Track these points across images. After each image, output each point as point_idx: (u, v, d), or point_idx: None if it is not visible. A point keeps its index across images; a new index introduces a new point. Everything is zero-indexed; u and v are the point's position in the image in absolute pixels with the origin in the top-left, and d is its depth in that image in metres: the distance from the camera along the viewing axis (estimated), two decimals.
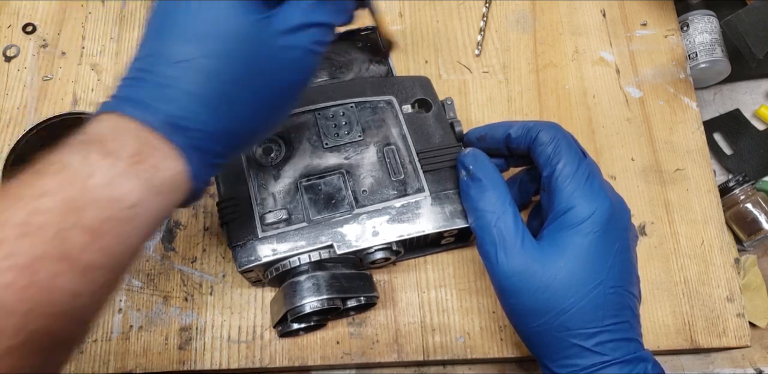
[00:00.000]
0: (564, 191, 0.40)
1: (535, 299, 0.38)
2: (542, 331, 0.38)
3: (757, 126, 0.61)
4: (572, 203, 0.39)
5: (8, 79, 0.58)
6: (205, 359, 0.48)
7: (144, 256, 0.51)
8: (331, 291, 0.43)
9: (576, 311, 0.37)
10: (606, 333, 0.37)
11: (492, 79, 0.57)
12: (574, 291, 0.38)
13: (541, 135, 0.42)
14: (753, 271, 0.54)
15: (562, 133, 0.42)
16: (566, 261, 0.38)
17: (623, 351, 0.37)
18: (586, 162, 0.41)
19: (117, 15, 0.60)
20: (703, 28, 0.58)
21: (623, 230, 0.40)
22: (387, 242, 0.44)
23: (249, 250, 0.44)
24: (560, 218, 0.40)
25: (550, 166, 0.41)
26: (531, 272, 0.38)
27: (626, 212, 0.42)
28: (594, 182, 0.40)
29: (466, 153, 0.44)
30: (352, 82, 0.50)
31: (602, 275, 0.38)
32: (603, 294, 0.38)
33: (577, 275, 0.38)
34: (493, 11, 0.60)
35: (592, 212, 0.39)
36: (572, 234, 0.39)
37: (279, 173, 0.46)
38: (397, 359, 0.48)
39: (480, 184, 0.42)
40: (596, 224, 0.39)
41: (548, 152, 0.41)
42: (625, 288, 0.39)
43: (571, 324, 0.38)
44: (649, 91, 0.57)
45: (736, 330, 0.49)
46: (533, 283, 0.38)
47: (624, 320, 0.38)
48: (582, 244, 0.38)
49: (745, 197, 0.55)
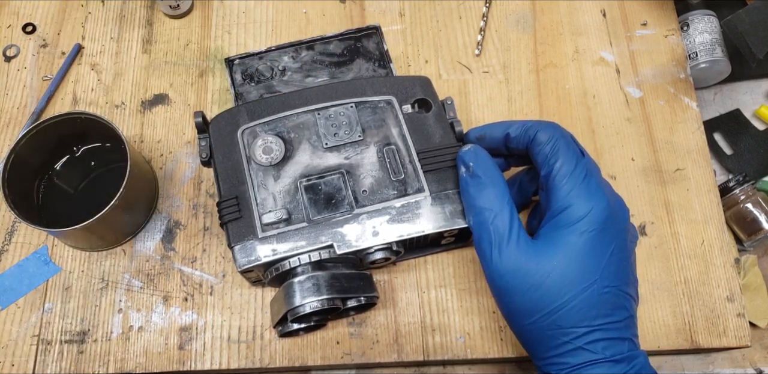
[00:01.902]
0: (561, 189, 0.40)
1: (527, 297, 0.38)
2: (534, 329, 0.38)
3: (757, 126, 0.61)
4: (569, 202, 0.39)
5: (8, 79, 0.58)
6: (205, 359, 0.48)
7: (144, 256, 0.51)
8: (331, 291, 0.43)
9: (568, 310, 0.37)
10: (598, 331, 0.37)
11: (492, 79, 0.57)
12: (566, 290, 0.38)
13: (539, 135, 0.42)
14: (753, 271, 0.54)
15: (561, 132, 0.42)
16: (560, 260, 0.38)
17: (615, 350, 0.37)
18: (584, 161, 0.41)
19: (117, 15, 0.60)
20: (703, 28, 0.58)
21: (621, 230, 0.40)
22: (387, 242, 0.44)
23: (249, 250, 0.44)
24: (557, 216, 0.40)
25: (547, 165, 0.41)
26: (524, 270, 0.38)
27: (625, 212, 0.42)
28: (591, 181, 0.40)
29: (467, 149, 0.44)
30: (352, 82, 0.50)
31: (596, 275, 0.38)
32: (596, 294, 0.38)
33: (570, 274, 0.38)
34: (493, 11, 0.60)
35: (588, 211, 0.39)
36: (567, 233, 0.39)
37: (279, 173, 0.46)
38: (397, 359, 0.48)
39: (479, 181, 0.42)
40: (592, 224, 0.39)
41: (546, 151, 0.41)
42: (620, 288, 0.39)
43: (563, 323, 0.38)
44: (650, 91, 0.57)
45: (736, 330, 0.49)
46: (526, 282, 0.38)
47: (618, 319, 0.38)
48: (577, 243, 0.38)
49: (746, 197, 0.55)
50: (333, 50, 0.54)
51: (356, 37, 0.55)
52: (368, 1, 0.60)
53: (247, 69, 0.54)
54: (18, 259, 0.51)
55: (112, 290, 0.50)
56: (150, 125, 0.56)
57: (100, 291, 0.50)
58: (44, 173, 0.52)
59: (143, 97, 0.57)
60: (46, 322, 0.49)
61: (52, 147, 0.51)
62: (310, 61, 0.54)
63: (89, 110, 0.56)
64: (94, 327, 0.49)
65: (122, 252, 0.51)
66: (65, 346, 0.49)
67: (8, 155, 0.47)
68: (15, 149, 0.47)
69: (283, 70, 0.54)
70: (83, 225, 0.44)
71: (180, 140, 0.55)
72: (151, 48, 0.59)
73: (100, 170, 0.53)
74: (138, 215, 0.51)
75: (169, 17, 0.60)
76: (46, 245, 0.52)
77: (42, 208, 0.52)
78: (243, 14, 0.60)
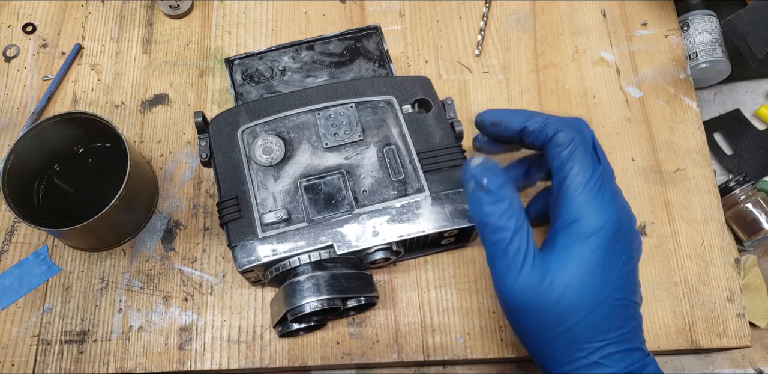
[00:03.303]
0: (574, 200, 0.39)
1: (542, 317, 0.37)
2: (548, 345, 0.38)
3: (757, 126, 0.61)
4: (581, 215, 0.38)
5: (8, 79, 0.58)
6: (205, 359, 0.48)
7: (144, 256, 0.51)
8: (331, 291, 0.43)
9: (583, 327, 0.37)
10: (612, 345, 0.37)
11: (492, 79, 0.57)
12: (581, 307, 0.37)
13: (558, 136, 0.40)
14: (753, 271, 0.54)
15: (582, 136, 0.40)
16: (573, 278, 0.37)
17: (627, 362, 0.37)
18: (600, 170, 0.39)
19: (117, 15, 0.60)
20: (703, 28, 0.58)
21: (629, 240, 0.39)
22: (387, 243, 0.44)
23: (249, 250, 0.44)
24: (568, 228, 0.38)
25: (562, 171, 0.39)
26: (539, 290, 0.37)
27: (632, 219, 0.41)
28: (606, 193, 0.39)
29: (477, 164, 0.40)
30: (352, 82, 0.50)
31: (609, 290, 0.37)
32: (609, 308, 0.37)
33: (584, 291, 0.37)
34: (493, 11, 0.60)
35: (601, 226, 0.38)
36: (580, 248, 0.38)
37: (279, 173, 0.46)
38: (397, 359, 0.48)
39: (494, 197, 0.39)
40: (604, 238, 0.38)
41: (563, 155, 0.40)
42: (629, 299, 0.38)
43: (578, 339, 0.37)
44: (650, 92, 0.57)
45: (736, 330, 0.49)
46: (541, 302, 0.37)
47: (628, 330, 0.38)
48: (590, 259, 0.38)
49: (746, 197, 0.55)
50: (333, 50, 0.54)
51: (356, 37, 0.55)
52: (368, 1, 0.60)
53: (247, 69, 0.54)
54: (18, 259, 0.51)
55: (112, 290, 0.50)
56: (150, 125, 0.56)
57: (100, 291, 0.50)
58: (44, 173, 0.52)
59: (143, 97, 0.57)
60: (46, 322, 0.49)
61: (52, 147, 0.51)
62: (310, 61, 0.54)
63: (89, 110, 0.56)
64: (94, 327, 0.49)
65: (122, 252, 0.51)
66: (65, 346, 0.49)
67: (8, 155, 0.47)
68: (15, 149, 0.47)
69: (283, 70, 0.54)
70: (83, 225, 0.44)
71: (180, 140, 0.55)
72: (151, 48, 0.59)
73: (100, 170, 0.53)
74: (138, 215, 0.51)
75: (169, 17, 0.60)
76: (46, 245, 0.52)
77: (42, 208, 0.51)
78: (243, 14, 0.60)
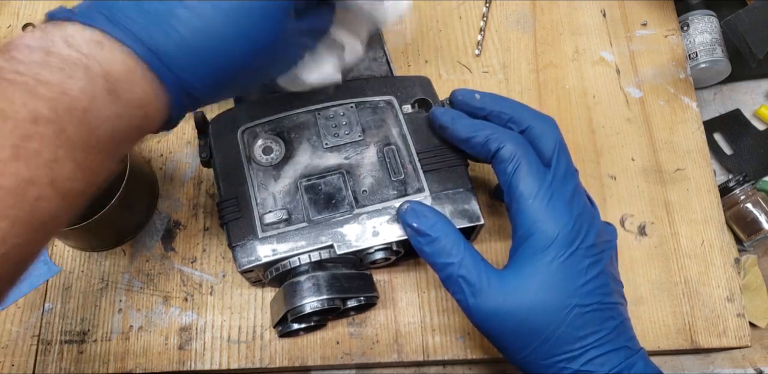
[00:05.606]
0: (526, 215, 0.39)
1: (516, 335, 0.38)
2: (531, 361, 0.38)
3: (757, 126, 0.61)
4: (534, 229, 0.39)
5: None
6: (205, 359, 0.48)
7: (144, 256, 0.51)
8: (331, 291, 0.43)
9: (557, 337, 0.37)
10: (592, 350, 0.37)
11: (492, 79, 0.57)
12: (550, 319, 0.37)
13: (502, 151, 0.41)
14: (753, 271, 0.54)
15: (524, 148, 0.41)
16: (536, 293, 0.38)
17: (612, 364, 0.37)
18: (549, 180, 0.40)
19: None
20: (703, 28, 0.58)
21: (590, 245, 0.39)
22: (387, 243, 0.44)
23: (249, 250, 0.44)
24: (524, 243, 0.39)
25: (510, 187, 0.40)
26: (505, 311, 0.38)
27: (593, 221, 0.40)
28: (557, 204, 0.39)
29: (405, 210, 0.42)
30: (352, 82, 0.49)
31: (575, 298, 0.38)
32: (580, 314, 0.38)
33: (549, 304, 0.38)
34: (493, 11, 0.60)
35: (555, 237, 0.38)
36: (537, 262, 0.38)
37: (279, 173, 0.46)
38: (397, 359, 0.48)
39: (429, 238, 0.40)
40: (560, 249, 0.38)
41: (509, 170, 0.40)
42: (602, 302, 0.38)
43: (555, 350, 0.38)
44: (650, 92, 0.57)
45: (736, 330, 0.49)
46: (510, 321, 0.38)
47: (607, 332, 0.38)
48: (549, 271, 0.38)
49: (746, 197, 0.55)
50: None
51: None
52: None
53: None
54: None
55: (112, 290, 0.50)
56: None
57: (100, 291, 0.50)
58: None
59: None
60: (46, 322, 0.49)
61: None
62: None
63: None
64: (94, 327, 0.49)
65: (122, 252, 0.51)
66: (65, 346, 0.49)
67: None
68: None
69: None
70: (83, 225, 0.44)
71: (180, 140, 0.55)
72: None
73: None
74: (138, 215, 0.51)
75: None
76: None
77: None
78: None
